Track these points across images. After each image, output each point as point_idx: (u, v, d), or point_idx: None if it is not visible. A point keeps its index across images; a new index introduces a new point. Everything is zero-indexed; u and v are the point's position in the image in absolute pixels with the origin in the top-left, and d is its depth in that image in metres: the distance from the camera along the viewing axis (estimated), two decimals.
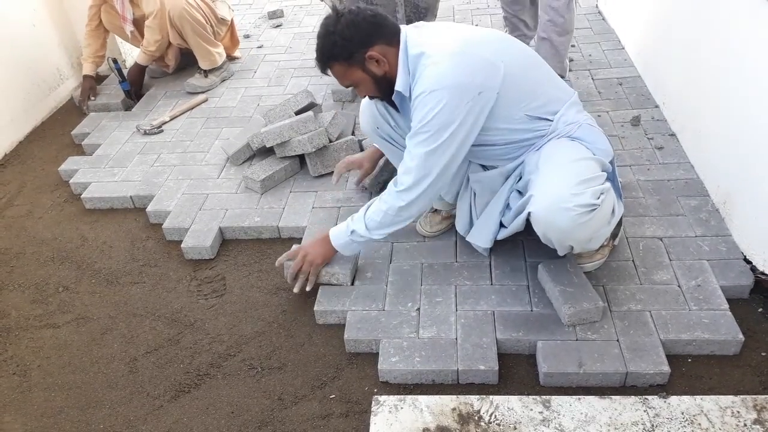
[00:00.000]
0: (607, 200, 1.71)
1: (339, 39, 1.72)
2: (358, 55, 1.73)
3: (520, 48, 1.84)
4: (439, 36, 1.76)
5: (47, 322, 2.17)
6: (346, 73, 1.79)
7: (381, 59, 1.74)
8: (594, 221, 1.68)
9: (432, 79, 1.67)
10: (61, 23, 3.74)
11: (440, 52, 1.69)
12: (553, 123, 1.82)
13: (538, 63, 1.87)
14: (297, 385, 1.83)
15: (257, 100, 3.38)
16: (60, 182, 2.95)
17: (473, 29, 1.86)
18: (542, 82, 1.82)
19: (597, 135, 1.85)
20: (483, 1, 4.44)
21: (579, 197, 1.65)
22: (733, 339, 1.74)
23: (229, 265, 2.31)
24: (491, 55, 1.71)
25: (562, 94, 1.87)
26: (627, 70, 3.24)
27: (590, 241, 1.78)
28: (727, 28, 2.15)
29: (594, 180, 1.71)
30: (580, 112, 1.89)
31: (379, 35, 1.73)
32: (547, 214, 1.69)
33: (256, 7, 4.82)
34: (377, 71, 1.76)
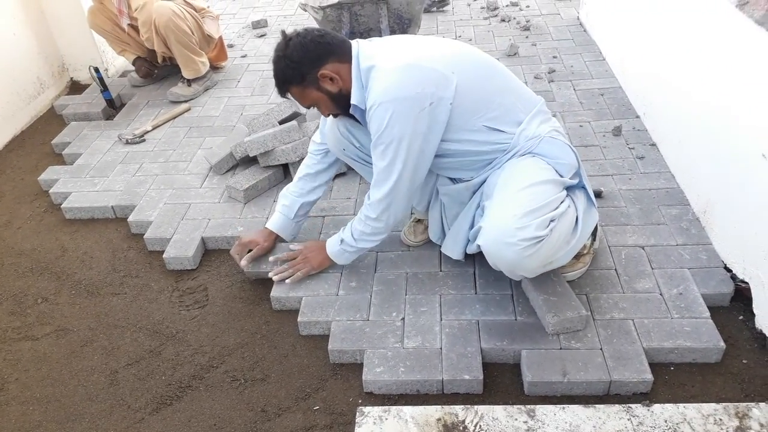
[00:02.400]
0: (559, 226, 1.71)
1: (289, 63, 1.74)
2: (311, 76, 1.75)
3: (477, 58, 1.83)
4: (390, 49, 1.77)
5: (25, 334, 2.13)
6: (303, 94, 1.81)
7: (334, 77, 1.75)
8: (542, 251, 1.70)
9: (380, 92, 1.68)
10: (41, 32, 3.71)
11: (389, 65, 1.70)
12: (515, 137, 1.80)
13: (496, 73, 1.84)
14: (281, 396, 1.81)
15: (240, 109, 3.36)
16: (40, 192, 2.91)
17: (427, 41, 1.85)
18: (499, 92, 1.80)
19: (559, 148, 1.82)
20: (466, 12, 4.47)
21: (523, 231, 1.66)
22: (714, 347, 1.76)
23: (212, 276, 2.29)
24: (442, 66, 1.71)
25: (524, 103, 1.85)
26: (608, 81, 3.28)
27: (547, 266, 1.79)
28: (707, 40, 2.19)
29: (543, 209, 1.69)
30: (545, 122, 1.86)
31: (328, 54, 1.75)
32: (493, 247, 1.72)
33: (240, 17, 4.82)
34: (332, 89, 1.78)
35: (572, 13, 4.22)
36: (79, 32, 3.75)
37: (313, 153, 2.18)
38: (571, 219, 1.76)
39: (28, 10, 3.59)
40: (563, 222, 1.72)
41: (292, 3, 5.00)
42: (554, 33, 3.96)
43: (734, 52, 1.97)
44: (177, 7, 3.32)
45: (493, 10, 4.42)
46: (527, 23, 4.08)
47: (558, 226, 1.70)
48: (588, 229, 1.86)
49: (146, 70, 3.65)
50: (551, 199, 1.72)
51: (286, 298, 2.08)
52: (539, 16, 4.27)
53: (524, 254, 1.67)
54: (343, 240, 2.00)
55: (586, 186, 1.89)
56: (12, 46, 3.46)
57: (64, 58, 3.92)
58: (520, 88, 1.88)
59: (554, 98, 3.16)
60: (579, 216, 1.80)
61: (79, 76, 3.96)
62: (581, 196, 1.86)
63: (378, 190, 1.83)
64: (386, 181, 1.79)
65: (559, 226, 1.71)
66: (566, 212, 1.74)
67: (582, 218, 1.82)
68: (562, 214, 1.72)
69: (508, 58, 3.65)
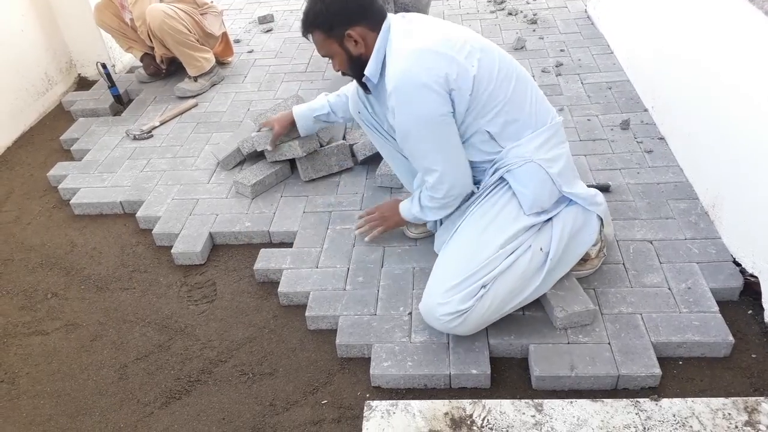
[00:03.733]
0: (494, 289, 1.71)
1: (324, 9, 1.74)
2: (339, 30, 1.75)
3: (503, 61, 1.80)
4: (418, 30, 1.75)
5: (36, 329, 2.15)
6: (323, 43, 1.81)
7: (359, 40, 1.76)
8: (470, 320, 1.72)
9: (399, 74, 1.68)
10: (49, 29, 3.72)
11: (412, 47, 1.69)
12: (503, 151, 1.78)
13: (513, 78, 1.79)
14: (289, 390, 1.82)
15: (247, 104, 3.37)
16: (49, 188, 2.93)
17: (460, 30, 1.81)
18: (512, 100, 1.76)
19: (536, 180, 1.76)
20: (473, 5, 4.46)
21: (444, 306, 1.71)
22: (723, 341, 1.75)
23: (220, 271, 2.30)
24: (465, 57, 1.70)
25: (534, 119, 1.80)
26: (616, 75, 3.26)
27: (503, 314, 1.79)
28: (716, 32, 2.17)
29: (475, 275, 1.71)
30: (544, 145, 1.79)
31: (363, 17, 1.75)
32: (424, 317, 1.81)
33: (246, 12, 4.82)
34: (353, 50, 1.78)
35: (580, 6, 4.19)
36: (86, 28, 3.76)
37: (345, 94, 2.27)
38: (519, 271, 1.74)
39: (37, 6, 3.60)
40: (503, 281, 1.72)
41: None
42: (561, 26, 3.94)
43: (744, 45, 1.95)
44: (169, 7, 3.31)
45: (500, 3, 4.39)
46: (534, 16, 4.06)
47: (492, 289, 1.71)
48: (580, 250, 1.85)
49: (155, 69, 3.65)
50: (491, 259, 1.72)
51: (293, 293, 2.08)
52: (546, 9, 4.24)
53: (449, 326, 1.74)
54: (416, 214, 1.99)
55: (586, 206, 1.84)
56: (20, 42, 3.47)
57: (72, 55, 3.93)
58: (534, 103, 1.83)
59: (562, 92, 3.14)
60: (552, 246, 1.76)
61: (87, 73, 3.97)
62: (570, 219, 1.81)
63: (431, 176, 1.81)
64: (435, 165, 1.78)
65: (493, 290, 1.71)
66: (510, 268, 1.73)
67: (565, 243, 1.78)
68: (501, 274, 1.72)
69: (516, 52, 3.63)
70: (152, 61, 3.62)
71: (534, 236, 1.78)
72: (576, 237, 1.83)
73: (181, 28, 3.33)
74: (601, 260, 1.98)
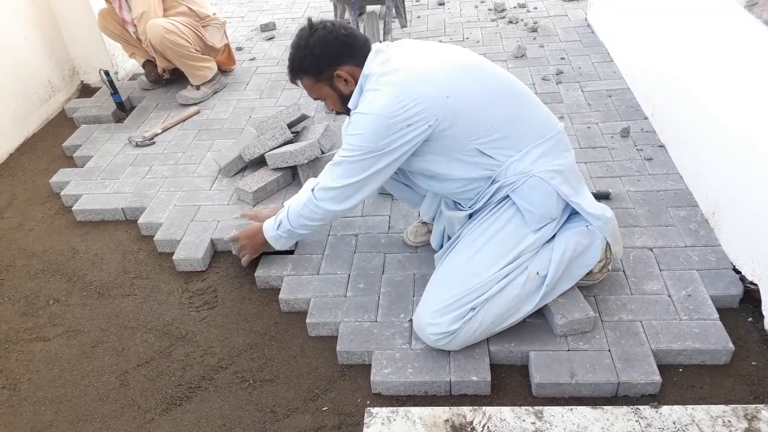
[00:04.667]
0: (483, 311, 1.72)
1: (309, 54, 1.74)
2: (327, 72, 1.76)
3: (489, 81, 1.76)
4: (394, 63, 1.73)
5: (37, 335, 2.15)
6: (314, 87, 1.82)
7: (348, 79, 1.77)
8: (458, 339, 1.75)
9: (366, 104, 1.70)
10: (52, 36, 3.74)
11: (385, 80, 1.69)
12: (503, 166, 1.76)
13: (506, 99, 1.76)
14: (289, 397, 1.82)
15: (249, 111, 3.38)
16: (51, 194, 2.94)
17: (443, 55, 1.78)
18: (503, 120, 1.73)
19: (541, 195, 1.74)
20: (473, 14, 4.48)
21: (433, 327, 1.75)
22: (723, 348, 1.75)
23: (221, 277, 2.31)
24: (437, 90, 1.67)
25: (533, 132, 1.77)
26: (616, 82, 3.28)
27: (472, 343, 1.80)
28: (715, 40, 2.18)
29: (465, 297, 1.72)
30: (550, 156, 1.77)
31: (348, 55, 1.75)
32: (416, 331, 1.85)
33: (248, 19, 4.85)
34: (344, 89, 1.80)
35: (580, 15, 4.22)
36: (89, 36, 3.79)
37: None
38: (512, 295, 1.74)
39: (40, 14, 3.63)
40: (493, 304, 1.73)
41: (300, 5, 5.03)
42: (562, 34, 3.96)
43: (743, 53, 1.97)
44: (169, 21, 3.34)
45: (501, 11, 4.42)
46: (535, 25, 4.08)
47: (481, 312, 1.73)
48: (579, 272, 1.84)
49: (156, 75, 3.67)
50: (483, 283, 1.73)
51: (294, 300, 2.09)
52: (547, 17, 4.26)
53: (437, 344, 1.78)
54: (281, 224, 2.00)
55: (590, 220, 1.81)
56: (24, 49, 3.49)
57: (75, 62, 3.96)
58: (531, 116, 1.80)
59: (562, 100, 3.16)
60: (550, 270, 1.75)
61: (90, 80, 4.00)
62: (572, 243, 1.78)
63: (332, 180, 1.82)
64: (343, 178, 1.79)
65: (482, 312, 1.73)
66: (503, 291, 1.73)
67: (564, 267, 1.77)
68: (492, 297, 1.73)
69: (516, 60, 3.65)
70: (154, 68, 3.64)
71: (531, 258, 1.77)
72: (577, 260, 1.81)
73: (182, 42, 3.35)
74: (604, 275, 1.96)
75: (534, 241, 1.77)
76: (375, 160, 1.73)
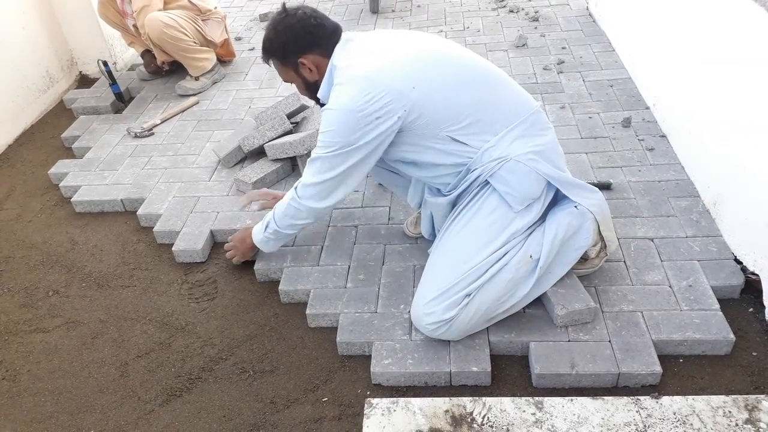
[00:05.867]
0: (479, 296, 1.72)
1: (276, 39, 1.80)
2: (292, 59, 1.81)
3: (455, 65, 1.77)
4: (362, 54, 1.76)
5: (37, 326, 2.15)
6: (281, 70, 1.88)
7: (312, 68, 1.81)
8: (455, 327, 1.74)
9: (334, 99, 1.73)
10: (50, 26, 3.72)
11: (350, 73, 1.72)
12: (478, 153, 1.75)
13: (475, 83, 1.77)
14: (289, 388, 1.82)
15: (249, 102, 3.37)
16: (50, 186, 2.93)
17: (406, 44, 1.80)
18: (473, 104, 1.74)
19: (520, 177, 1.74)
20: (474, 3, 4.45)
21: (429, 317, 1.75)
22: (724, 339, 1.75)
23: (221, 268, 2.30)
24: (401, 81, 1.68)
25: (507, 115, 1.77)
26: (618, 72, 3.26)
27: (491, 320, 1.80)
28: (718, 30, 2.16)
29: (458, 284, 1.72)
30: (526, 137, 1.77)
31: (314, 45, 1.79)
32: (413, 322, 1.85)
33: (247, 9, 4.82)
34: (308, 77, 1.85)
35: (581, 4, 4.19)
36: (88, 26, 3.76)
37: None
38: (506, 279, 1.74)
39: (38, 4, 3.60)
40: (488, 289, 1.73)
41: None
42: (563, 24, 3.93)
43: (746, 42, 1.95)
44: (167, 15, 3.32)
45: (502, 0, 4.39)
46: (536, 14, 4.05)
47: (477, 297, 1.72)
48: (573, 255, 1.83)
49: (155, 67, 3.65)
50: (476, 267, 1.73)
51: (294, 291, 2.08)
52: (548, 6, 4.23)
53: (435, 334, 1.77)
54: (268, 226, 2.02)
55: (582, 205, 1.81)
56: (22, 40, 3.47)
57: (73, 52, 3.93)
58: (503, 98, 1.80)
59: (563, 89, 3.14)
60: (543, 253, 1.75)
61: (88, 70, 3.98)
62: (563, 224, 1.78)
63: (311, 176, 1.84)
64: (321, 173, 1.81)
65: (478, 298, 1.72)
66: (497, 275, 1.73)
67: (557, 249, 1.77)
68: (486, 282, 1.72)
69: (517, 50, 3.63)
70: (153, 59, 3.62)
71: (523, 242, 1.77)
72: (569, 242, 1.81)
73: (180, 36, 3.34)
74: (602, 260, 1.96)
75: (523, 225, 1.77)
76: (349, 155, 1.75)
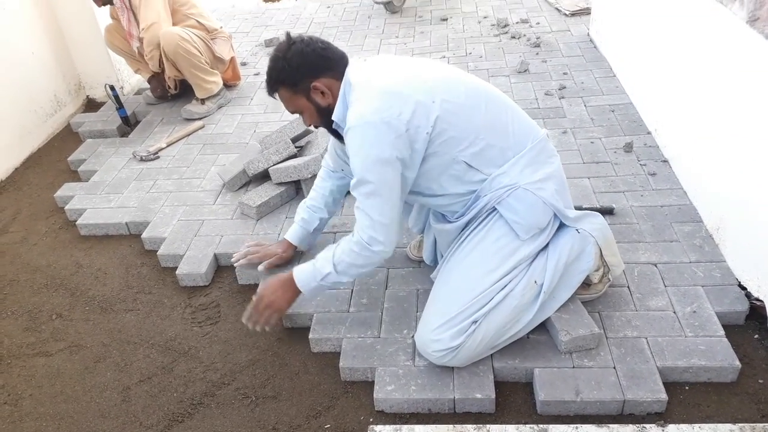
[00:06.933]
0: (486, 323, 1.72)
1: (287, 66, 1.75)
2: (304, 84, 1.76)
3: (468, 87, 1.77)
4: (378, 71, 1.74)
5: (40, 350, 2.15)
6: (291, 99, 1.81)
7: (326, 91, 1.76)
8: (462, 354, 1.74)
9: (356, 115, 1.66)
10: (59, 51, 3.78)
11: (370, 88, 1.69)
12: (487, 180, 1.76)
13: (486, 105, 1.77)
14: (291, 414, 1.81)
15: (254, 126, 3.40)
16: (55, 208, 2.95)
17: (417, 65, 1.81)
18: (485, 128, 1.74)
19: (528, 206, 1.74)
20: (476, 29, 4.50)
21: (436, 344, 1.74)
22: (729, 366, 1.73)
23: (224, 292, 2.30)
24: (424, 94, 1.67)
25: (516, 141, 1.78)
26: (619, 97, 3.28)
27: (495, 348, 1.79)
28: (718, 56, 2.19)
29: (466, 311, 1.72)
30: (535, 165, 1.78)
31: (326, 68, 1.75)
32: (418, 349, 1.84)
33: (253, 35, 4.88)
34: (321, 102, 1.78)
35: (582, 30, 4.24)
36: (95, 51, 3.82)
37: (325, 169, 2.20)
38: (511, 305, 1.73)
39: (47, 29, 3.66)
40: (494, 316, 1.73)
41: (304, 21, 5.07)
42: (564, 49, 3.97)
43: (746, 68, 1.97)
44: (184, 31, 3.37)
45: (504, 27, 4.44)
46: (537, 40, 4.10)
47: (483, 324, 1.72)
48: (576, 279, 1.83)
49: (161, 91, 3.69)
50: (482, 294, 1.72)
51: (297, 316, 2.08)
52: (549, 32, 4.28)
53: (442, 361, 1.76)
54: (326, 275, 1.83)
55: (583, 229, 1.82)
56: (31, 65, 3.53)
57: (81, 77, 3.99)
58: (512, 124, 1.80)
59: (565, 114, 3.16)
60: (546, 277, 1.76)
61: (95, 94, 4.03)
62: (566, 248, 1.79)
63: (367, 218, 1.74)
64: (372, 210, 1.72)
65: (485, 325, 1.72)
66: (502, 302, 1.73)
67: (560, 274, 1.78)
68: (493, 308, 1.72)
69: (519, 75, 3.66)
70: (159, 84, 3.66)
71: (527, 267, 1.77)
72: (572, 266, 1.81)
73: (195, 51, 3.39)
74: (605, 285, 1.96)
75: (529, 252, 1.77)
76: (390, 172, 1.67)
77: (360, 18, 4.98)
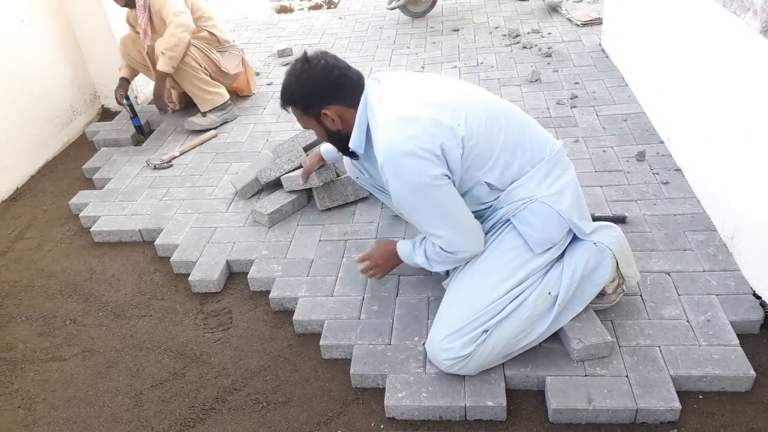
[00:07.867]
0: (496, 333, 1.72)
1: (298, 89, 1.74)
2: (314, 109, 1.75)
3: (487, 106, 1.76)
4: (397, 97, 1.72)
5: (54, 355, 2.16)
6: (302, 118, 1.82)
7: (335, 119, 1.75)
8: (472, 363, 1.73)
9: (387, 147, 1.65)
10: (76, 62, 3.84)
11: (394, 117, 1.67)
12: (503, 194, 1.76)
13: (505, 123, 1.76)
14: (302, 420, 1.81)
15: (266, 135, 3.42)
16: (70, 216, 2.99)
17: (438, 85, 1.80)
18: (505, 147, 1.74)
19: (543, 219, 1.74)
20: (488, 39, 4.52)
21: (446, 352, 1.74)
22: (744, 375, 1.72)
23: (236, 299, 2.31)
24: (449, 117, 1.67)
25: (533, 155, 1.78)
26: (631, 107, 3.28)
27: (507, 356, 1.79)
28: (731, 64, 2.18)
29: (476, 320, 1.72)
30: (546, 178, 1.77)
31: (337, 96, 1.73)
32: (429, 357, 1.84)
33: (266, 45, 4.93)
34: (331, 127, 1.79)
35: (594, 40, 4.24)
36: (111, 62, 3.87)
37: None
38: (524, 316, 1.73)
39: (64, 42, 3.73)
40: (506, 326, 1.72)
41: (316, 31, 5.11)
42: (576, 59, 3.98)
43: (759, 77, 1.96)
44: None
45: (515, 37, 4.46)
46: (549, 50, 4.11)
47: (494, 334, 1.72)
48: (592, 291, 1.82)
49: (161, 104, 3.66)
50: (494, 304, 1.72)
51: (308, 322, 2.09)
52: (561, 42, 4.29)
53: (452, 369, 1.76)
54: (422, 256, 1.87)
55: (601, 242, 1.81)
56: (49, 75, 3.59)
57: (96, 87, 4.04)
58: (529, 139, 1.80)
59: (577, 124, 3.16)
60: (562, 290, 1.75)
61: (110, 104, 4.08)
62: (582, 260, 1.78)
63: (438, 241, 1.75)
64: (438, 230, 1.73)
65: (496, 334, 1.72)
66: (514, 312, 1.73)
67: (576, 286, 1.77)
68: (504, 318, 1.72)
69: (530, 84, 3.67)
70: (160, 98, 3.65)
71: (541, 278, 1.77)
72: (588, 278, 1.81)
73: (193, 63, 3.40)
74: (619, 296, 1.94)
75: (541, 263, 1.77)
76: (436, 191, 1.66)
77: (372, 29, 5.02)
